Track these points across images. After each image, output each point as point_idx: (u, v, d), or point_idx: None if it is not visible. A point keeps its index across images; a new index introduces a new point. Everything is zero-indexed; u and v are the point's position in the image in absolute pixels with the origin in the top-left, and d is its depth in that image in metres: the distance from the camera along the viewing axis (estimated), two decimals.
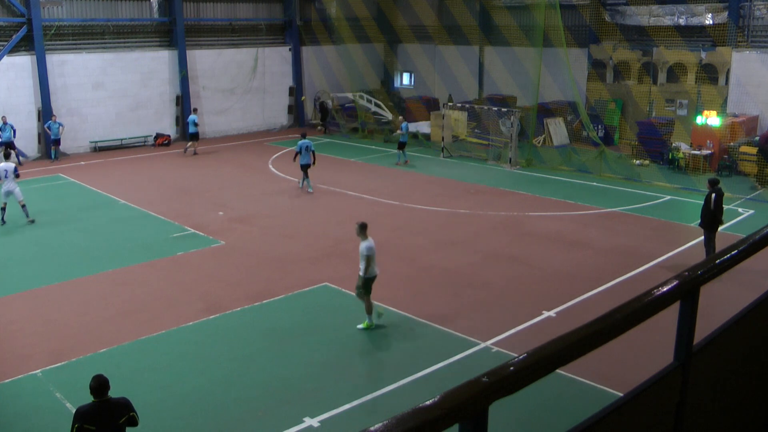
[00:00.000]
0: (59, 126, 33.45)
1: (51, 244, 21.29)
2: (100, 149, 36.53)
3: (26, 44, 34.05)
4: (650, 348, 11.47)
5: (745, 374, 3.95)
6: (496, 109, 34.32)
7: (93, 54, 36.33)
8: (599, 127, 35.54)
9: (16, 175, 23.10)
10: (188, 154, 35.46)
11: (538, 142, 36.20)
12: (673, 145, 31.30)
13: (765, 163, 27.49)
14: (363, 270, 14.70)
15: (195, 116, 35.54)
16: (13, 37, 33.57)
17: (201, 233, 22.00)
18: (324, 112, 43.00)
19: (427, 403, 2.10)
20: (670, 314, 3.12)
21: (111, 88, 36.88)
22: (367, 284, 14.84)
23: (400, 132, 32.35)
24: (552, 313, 15.68)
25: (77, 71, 35.72)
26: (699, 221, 18.65)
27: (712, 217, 17.98)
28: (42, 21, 34.04)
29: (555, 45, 33.52)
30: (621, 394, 2.99)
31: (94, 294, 17.24)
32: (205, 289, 17.39)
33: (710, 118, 30.30)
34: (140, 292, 17.29)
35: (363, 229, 14.73)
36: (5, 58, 33.36)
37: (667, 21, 35.01)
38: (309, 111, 44.73)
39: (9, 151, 26.83)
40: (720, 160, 29.62)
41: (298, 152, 27.03)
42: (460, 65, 44.05)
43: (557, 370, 2.51)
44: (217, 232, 22.15)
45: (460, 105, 38.00)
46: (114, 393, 8.71)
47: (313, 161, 27.30)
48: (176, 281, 18.05)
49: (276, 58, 43.70)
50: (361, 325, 15.05)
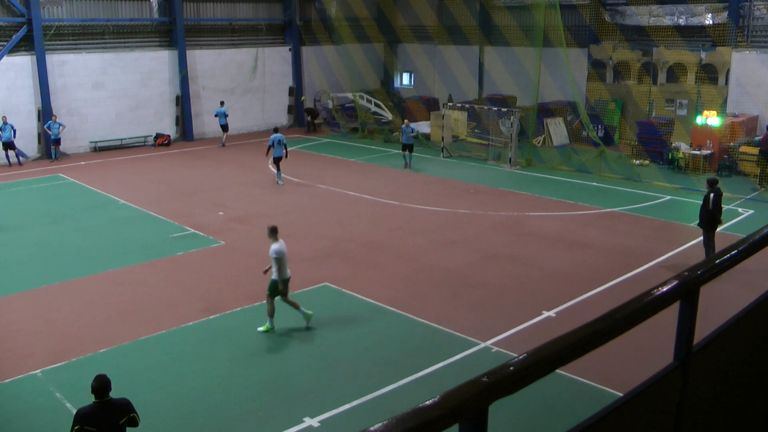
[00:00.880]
0: (60, 126, 33.45)
1: (51, 244, 21.30)
2: (100, 149, 36.53)
3: (26, 44, 34.05)
4: (650, 348, 11.48)
5: (745, 374, 3.95)
6: (496, 109, 34.30)
7: (93, 54, 36.33)
8: (599, 127, 35.54)
9: None
10: (223, 143, 38.12)
11: (538, 142, 36.21)
12: (673, 145, 31.30)
13: (766, 165, 27.47)
14: (275, 272, 14.72)
15: (224, 108, 38.09)
16: (13, 37, 33.56)
17: (201, 233, 22.00)
18: (313, 114, 42.85)
19: (427, 403, 2.11)
20: (670, 314, 3.12)
21: (111, 88, 36.88)
22: (282, 285, 14.86)
23: (411, 134, 31.50)
24: (552, 313, 15.69)
25: (77, 71, 35.71)
26: (698, 221, 18.66)
27: (710, 217, 17.99)
28: (42, 21, 34.03)
29: (555, 45, 33.53)
30: (621, 394, 3.00)
31: (94, 294, 17.24)
32: (205, 289, 17.39)
33: (710, 118, 30.29)
34: (140, 292, 17.30)
35: (273, 232, 14.85)
36: (5, 58, 33.35)
37: (667, 21, 35.01)
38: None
39: None
40: (720, 160, 29.61)
41: (271, 146, 28.24)
42: (460, 65, 44.04)
43: (557, 370, 2.51)
44: (217, 232, 22.16)
45: (460, 105, 37.99)
46: (114, 393, 8.72)
47: (285, 155, 28.40)
48: (176, 281, 18.05)
49: (276, 58, 43.69)
50: (261, 328, 15.02)
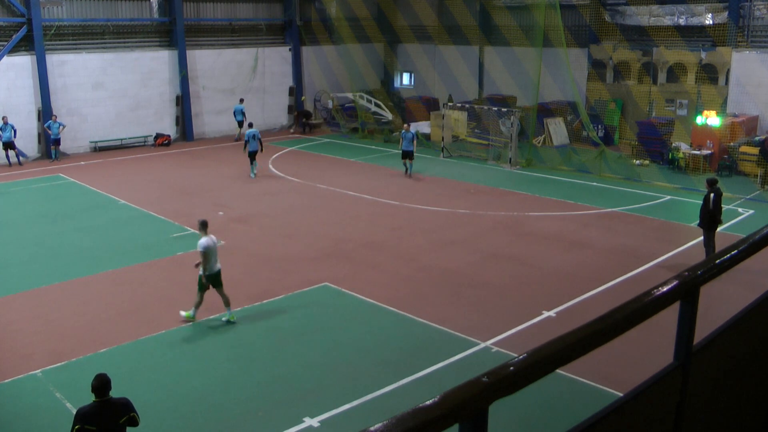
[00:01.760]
0: (60, 126, 33.44)
1: (51, 244, 21.29)
2: (100, 149, 36.53)
3: (26, 44, 34.05)
4: (650, 348, 11.48)
5: (745, 374, 3.95)
6: (496, 109, 34.30)
7: (93, 54, 36.33)
8: (599, 127, 35.54)
9: None
10: (237, 138, 39.07)
11: (538, 142, 36.21)
12: (673, 145, 31.30)
13: (766, 165, 27.47)
14: (201, 266, 15.03)
15: (242, 105, 39.51)
16: (13, 37, 33.56)
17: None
18: (306, 116, 42.83)
19: (427, 403, 2.10)
20: (670, 314, 3.12)
21: (111, 88, 36.88)
22: (209, 280, 15.14)
23: (412, 140, 29.69)
24: (552, 313, 15.69)
25: (77, 71, 35.71)
26: (698, 221, 18.67)
27: (710, 217, 18.00)
28: (42, 21, 34.03)
29: (555, 45, 33.54)
30: (621, 394, 2.99)
31: (95, 294, 17.24)
32: None
33: (710, 118, 30.30)
34: (140, 292, 17.30)
35: (203, 227, 15.31)
36: (5, 58, 33.35)
37: (667, 21, 35.02)
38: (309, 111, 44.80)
39: None
40: (720, 160, 29.61)
41: (246, 141, 29.75)
42: (460, 65, 44.05)
43: (557, 370, 2.51)
44: (217, 232, 22.05)
45: (460, 105, 37.98)
46: (114, 393, 8.73)
47: (260, 149, 29.98)
48: (176, 281, 18.03)
49: (276, 58, 43.69)
50: (183, 314, 15.40)
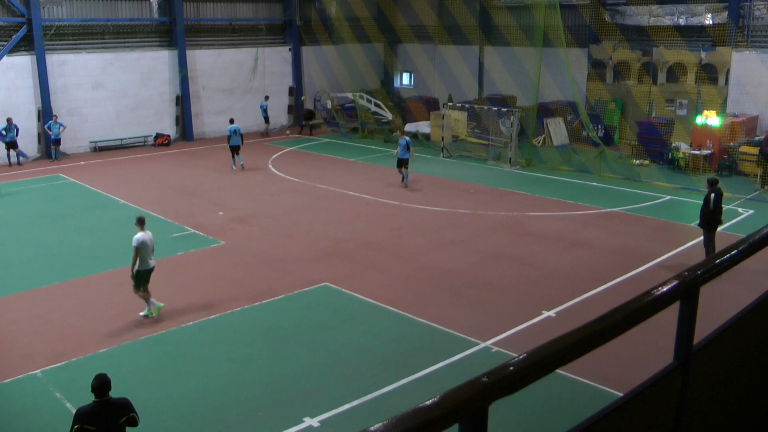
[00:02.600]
0: (60, 126, 33.45)
1: (51, 244, 21.30)
2: (100, 149, 36.53)
3: (26, 44, 34.05)
4: (650, 348, 11.48)
5: (745, 374, 3.95)
6: (496, 109, 34.30)
7: (93, 54, 36.33)
8: (599, 127, 35.54)
9: None
10: (266, 132, 41.09)
11: (538, 142, 36.21)
12: (673, 145, 31.30)
13: (766, 165, 27.47)
14: (132, 262, 15.33)
15: (266, 103, 40.99)
16: (13, 37, 33.57)
17: (201, 233, 22.00)
18: (309, 116, 42.33)
19: (427, 402, 2.10)
20: (670, 314, 3.12)
21: (111, 88, 36.88)
22: (140, 277, 15.39)
23: (409, 148, 27.99)
24: (552, 312, 15.69)
25: (77, 71, 35.71)
26: (698, 221, 18.67)
27: (711, 217, 18.00)
28: (42, 21, 34.04)
29: (555, 45, 33.53)
30: (621, 394, 2.99)
31: (95, 294, 17.25)
32: (205, 289, 17.39)
33: (710, 118, 30.30)
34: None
35: (140, 222, 15.52)
36: (5, 58, 33.34)
37: (667, 21, 35.02)
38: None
39: None
40: (720, 160, 29.61)
41: (228, 136, 31.26)
42: (460, 65, 44.05)
43: (557, 370, 2.51)
44: (217, 232, 22.16)
45: (460, 105, 37.98)
46: (114, 393, 8.72)
47: (241, 142, 31.48)
48: (176, 281, 18.04)
49: (276, 58, 43.69)
50: (142, 313, 15.63)
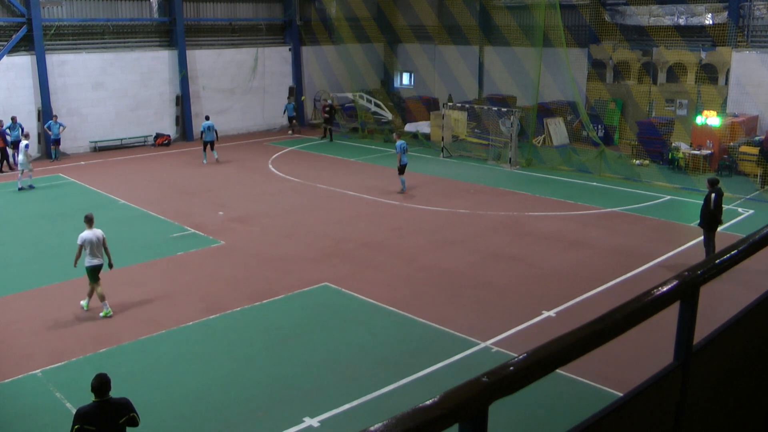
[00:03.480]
0: (60, 126, 33.45)
1: (51, 244, 21.30)
2: (100, 149, 36.54)
3: (26, 44, 34.05)
4: (650, 348, 11.48)
5: (745, 374, 3.94)
6: (496, 109, 34.30)
7: (93, 54, 36.33)
8: (599, 127, 35.54)
9: None
10: (294, 133, 41.40)
11: (538, 142, 36.21)
12: (673, 145, 31.30)
13: (766, 165, 27.46)
14: (75, 258, 15.73)
15: (293, 104, 41.65)
16: (13, 37, 33.57)
17: (201, 233, 22.01)
18: (330, 117, 40.28)
19: (427, 403, 2.10)
20: (670, 314, 3.12)
21: (111, 88, 36.88)
22: (89, 273, 15.61)
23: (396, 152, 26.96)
24: (552, 312, 15.69)
25: (77, 71, 35.71)
26: (698, 221, 18.66)
27: (711, 216, 18.00)
28: (42, 21, 34.04)
29: (555, 45, 33.53)
30: (621, 394, 2.99)
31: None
32: (205, 289, 17.39)
33: (710, 118, 30.29)
34: (140, 291, 17.29)
35: (87, 221, 15.76)
36: (5, 58, 33.34)
37: (667, 21, 35.02)
38: (309, 111, 44.77)
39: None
40: (720, 160, 29.61)
41: (203, 132, 33.08)
42: (460, 65, 44.05)
43: (557, 370, 2.51)
44: (217, 232, 22.16)
45: (460, 105, 37.99)
46: (114, 393, 8.72)
47: (216, 138, 33.34)
48: (176, 281, 18.05)
49: (276, 58, 43.69)
50: (100, 313, 15.81)
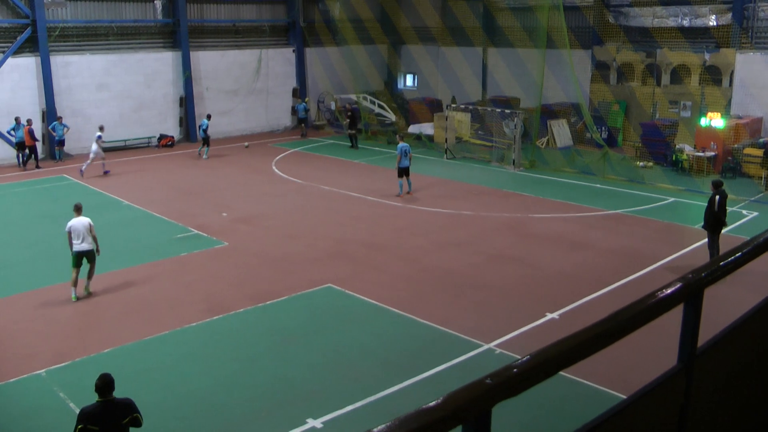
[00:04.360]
0: (64, 127, 33.51)
1: (55, 244, 21.29)
2: (104, 150, 36.49)
3: (30, 46, 34.12)
4: (653, 350, 11.46)
5: (749, 377, 3.94)
6: (499, 110, 34.31)
7: (97, 55, 36.40)
8: (603, 128, 35.52)
9: None
10: (304, 137, 40.60)
11: (542, 144, 36.18)
12: (677, 146, 31.27)
13: None
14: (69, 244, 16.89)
15: (305, 104, 41.49)
16: (18, 38, 33.65)
17: (204, 234, 22.03)
18: (354, 122, 37.95)
19: (431, 404, 2.11)
20: (674, 316, 3.12)
21: (115, 89, 36.94)
22: (75, 257, 16.81)
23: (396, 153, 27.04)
24: (555, 315, 15.68)
25: (81, 72, 35.78)
26: (702, 223, 18.63)
27: (715, 219, 17.98)
28: (46, 22, 34.11)
29: (558, 46, 33.47)
30: (624, 397, 2.99)
31: (98, 294, 17.27)
32: (208, 290, 17.41)
33: (714, 120, 30.25)
34: (144, 292, 17.32)
35: (76, 209, 17.34)
36: (10, 60, 33.43)
37: (671, 22, 34.99)
38: (313, 112, 44.76)
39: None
40: (724, 162, 29.57)
41: (202, 127, 35.00)
42: (463, 67, 44.02)
43: (560, 372, 2.50)
44: (221, 232, 22.18)
45: (463, 106, 37.99)
46: (117, 393, 8.74)
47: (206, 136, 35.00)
48: (180, 282, 18.07)
49: (279, 60, 43.73)
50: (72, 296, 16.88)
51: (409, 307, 16.17)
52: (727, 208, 18.20)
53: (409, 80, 49.34)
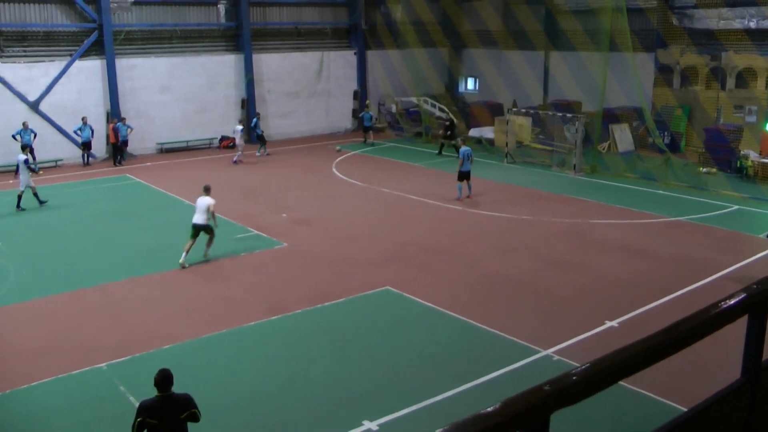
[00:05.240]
0: (127, 128, 34.11)
1: (117, 241, 21.74)
2: (166, 151, 37.16)
3: (97, 49, 34.84)
4: (716, 362, 11.27)
5: None
6: (560, 114, 34.01)
7: (161, 58, 37.00)
8: (665, 133, 34.96)
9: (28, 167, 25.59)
10: (372, 142, 39.62)
11: (603, 149, 35.77)
12: (742, 152, 30.65)
13: None
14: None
15: (370, 113, 40.44)
16: (85, 42, 34.40)
17: (264, 234, 22.23)
18: (450, 130, 36.53)
19: (489, 409, 2.10)
20: (737, 328, 3.06)
21: (178, 92, 37.50)
22: (193, 229, 19.43)
23: (458, 157, 27.08)
24: (614, 323, 15.47)
25: (145, 75, 36.40)
26: (767, 232, 18.25)
27: None
28: (112, 26, 34.79)
29: (621, 49, 33.02)
30: (684, 409, 2.95)
31: (159, 291, 17.56)
32: (267, 290, 17.57)
33: None
34: (203, 290, 17.54)
35: (204, 190, 19.81)
36: (77, 62, 34.19)
37: (737, 24, 34.28)
38: (374, 114, 44.84)
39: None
40: None
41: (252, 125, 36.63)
42: (524, 70, 43.72)
43: (619, 382, 2.48)
44: (280, 233, 22.35)
45: (524, 110, 37.74)
46: (176, 389, 8.86)
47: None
48: (239, 281, 18.27)
49: (341, 62, 43.94)
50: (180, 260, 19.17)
51: (466, 311, 16.11)
52: None
53: (470, 83, 49.19)
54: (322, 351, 14.32)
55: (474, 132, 38.84)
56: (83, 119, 33.18)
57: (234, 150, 35.94)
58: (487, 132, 38.42)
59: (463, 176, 26.30)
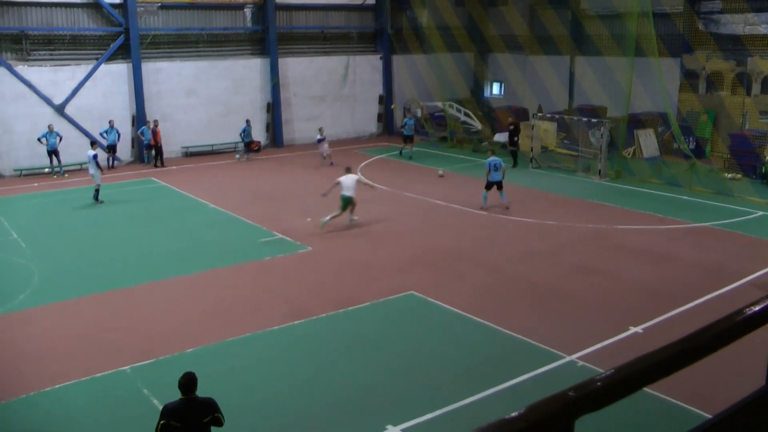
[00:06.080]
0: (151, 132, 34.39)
1: (142, 244, 21.88)
2: (191, 154, 37.38)
3: (123, 52, 35.13)
4: (740, 369, 11.18)
5: None
6: (585, 119, 33.89)
7: (187, 62, 37.24)
8: (690, 139, 34.74)
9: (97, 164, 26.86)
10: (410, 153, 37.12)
11: (628, 154, 35.60)
12: (767, 158, 30.41)
13: None
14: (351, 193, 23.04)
15: (412, 120, 38.07)
16: (111, 45, 34.68)
17: (288, 238, 22.30)
18: (515, 135, 34.75)
19: (512, 415, 2.10)
20: (762, 335, 3.05)
21: (203, 95, 37.72)
22: (343, 201, 23.10)
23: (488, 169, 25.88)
24: (639, 328, 15.39)
25: (171, 78, 36.65)
26: None
27: None
28: (139, 30, 35.07)
29: (647, 54, 32.80)
30: (708, 416, 2.94)
31: (182, 294, 17.65)
32: (290, 294, 17.61)
33: None
34: (227, 294, 17.61)
35: (346, 170, 23.35)
36: (103, 66, 34.49)
37: (763, 29, 34.00)
38: (398, 119, 44.83)
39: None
40: None
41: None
42: (550, 75, 43.59)
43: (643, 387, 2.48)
44: (305, 237, 22.41)
45: (549, 115, 37.64)
46: (199, 392, 8.91)
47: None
48: (263, 285, 18.33)
49: (366, 66, 44.01)
50: (326, 218, 22.76)
51: (491, 316, 16.09)
52: None
53: (496, 88, 49.11)
54: (346, 355, 14.35)
55: (499, 137, 38.77)
56: (110, 122, 33.47)
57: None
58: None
59: (492, 185, 25.76)
